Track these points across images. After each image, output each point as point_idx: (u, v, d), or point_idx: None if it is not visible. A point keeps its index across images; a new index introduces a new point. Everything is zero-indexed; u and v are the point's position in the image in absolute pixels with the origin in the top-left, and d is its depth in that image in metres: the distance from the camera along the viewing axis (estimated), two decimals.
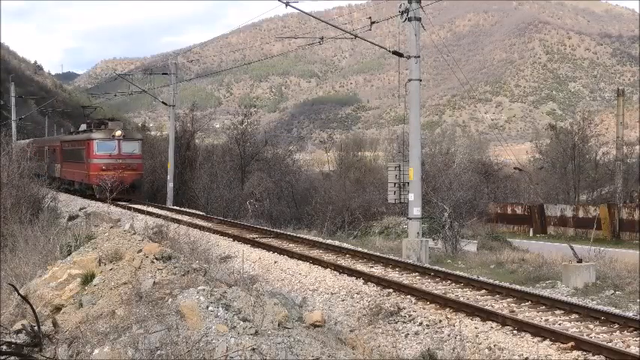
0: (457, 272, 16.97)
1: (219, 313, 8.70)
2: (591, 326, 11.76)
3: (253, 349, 7.86)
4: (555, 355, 10.33)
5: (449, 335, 11.57)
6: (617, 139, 38.23)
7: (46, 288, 11.32)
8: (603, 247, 21.54)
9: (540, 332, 11.23)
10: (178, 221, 23.55)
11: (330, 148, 59.84)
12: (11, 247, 16.41)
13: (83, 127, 41.49)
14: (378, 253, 20.17)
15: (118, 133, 36.52)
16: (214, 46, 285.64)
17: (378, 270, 17.22)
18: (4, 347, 9.13)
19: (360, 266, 17.83)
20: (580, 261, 15.96)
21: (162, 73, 42.92)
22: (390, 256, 19.48)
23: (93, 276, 11.29)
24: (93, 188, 36.37)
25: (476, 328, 11.81)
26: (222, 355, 7.78)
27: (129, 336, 8.62)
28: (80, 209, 30.71)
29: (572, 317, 12.31)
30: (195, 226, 25.19)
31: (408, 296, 14.16)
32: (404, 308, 13.27)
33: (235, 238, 23.10)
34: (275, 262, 18.64)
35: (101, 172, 35.43)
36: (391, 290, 14.68)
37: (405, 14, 19.73)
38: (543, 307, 13.06)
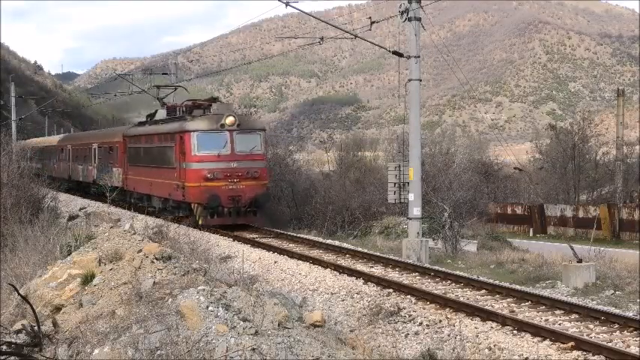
0: (457, 272, 16.97)
1: (219, 313, 8.70)
2: (591, 326, 11.76)
3: (253, 349, 7.86)
4: (555, 355, 10.32)
5: (449, 335, 11.57)
6: (617, 139, 38.22)
7: (46, 288, 11.32)
8: (603, 247, 21.52)
9: (540, 332, 11.23)
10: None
11: (330, 148, 59.80)
12: (11, 247, 16.40)
13: (161, 113, 29.46)
14: (378, 253, 20.18)
15: (230, 120, 24.06)
16: (214, 46, 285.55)
17: (378, 270, 17.22)
18: (4, 347, 9.13)
19: (360, 266, 17.83)
20: (580, 261, 15.96)
21: (163, 73, 42.95)
22: (390, 256, 19.48)
23: (93, 276, 11.29)
24: (191, 209, 24.41)
25: (476, 328, 11.81)
26: (222, 355, 7.77)
27: (129, 336, 8.62)
28: (80, 209, 30.69)
29: (572, 317, 12.30)
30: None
31: (408, 296, 14.16)
32: (404, 308, 13.27)
33: (235, 238, 23.09)
34: (275, 262, 18.64)
35: (205, 182, 23.63)
36: (391, 290, 14.68)
37: (405, 14, 19.72)
38: (543, 307, 13.05)
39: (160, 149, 27.05)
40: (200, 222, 23.74)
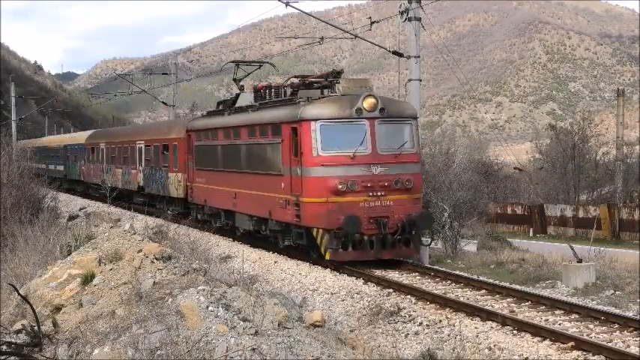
0: (457, 272, 16.95)
1: (219, 313, 8.70)
2: (591, 326, 11.76)
3: (253, 349, 7.86)
4: (555, 355, 10.33)
5: (449, 335, 11.57)
6: (617, 139, 38.20)
7: (46, 288, 11.33)
8: (603, 247, 21.51)
9: (540, 332, 11.24)
10: None
11: None
12: (11, 247, 16.42)
13: (246, 98, 21.97)
14: None
15: (370, 102, 16.65)
16: (214, 46, 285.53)
17: (377, 270, 17.21)
18: (4, 347, 9.13)
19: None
20: (580, 261, 15.96)
21: (162, 73, 42.87)
22: None
23: (93, 276, 11.30)
24: (310, 236, 16.95)
25: (476, 328, 11.81)
26: (222, 355, 7.78)
27: (129, 336, 8.62)
28: (80, 209, 30.69)
29: (572, 317, 12.30)
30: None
31: (408, 296, 14.17)
32: (404, 308, 13.28)
33: (235, 238, 22.90)
34: (275, 262, 18.64)
35: (334, 196, 16.27)
36: (391, 290, 14.68)
37: (405, 14, 19.71)
38: (543, 307, 13.05)
39: (252, 147, 19.86)
40: (327, 257, 16.35)
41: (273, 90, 20.40)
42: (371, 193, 16.44)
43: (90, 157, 39.54)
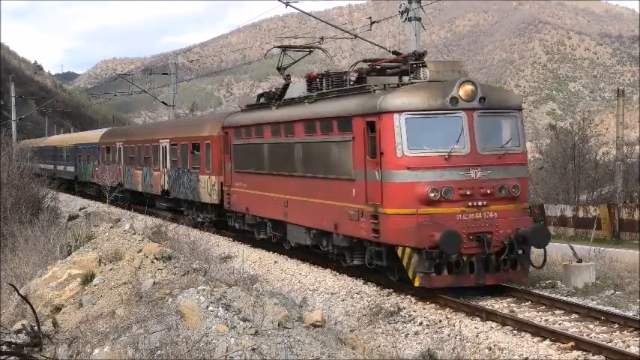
0: None
1: (219, 313, 8.71)
2: (591, 326, 11.76)
3: (253, 349, 7.87)
4: (555, 355, 10.33)
5: (449, 335, 11.58)
6: (617, 139, 38.20)
7: (46, 288, 11.33)
8: (603, 247, 21.49)
9: (540, 332, 11.24)
10: None
11: None
12: (11, 247, 16.42)
13: (298, 88, 18.95)
14: None
15: (468, 90, 13.79)
16: (214, 46, 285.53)
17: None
18: (4, 347, 9.13)
19: None
20: (580, 261, 15.94)
21: (162, 73, 42.91)
22: None
23: (93, 276, 11.31)
24: (393, 256, 13.87)
25: (476, 328, 11.82)
26: (222, 355, 7.78)
27: (129, 336, 8.63)
28: (80, 209, 30.69)
29: (572, 317, 12.30)
30: None
31: (408, 296, 14.16)
32: (404, 308, 13.28)
33: (235, 238, 22.90)
34: (275, 262, 18.64)
35: (425, 207, 13.41)
36: (391, 290, 14.68)
37: (405, 14, 19.73)
38: (543, 307, 13.04)
39: (310, 146, 16.91)
40: (417, 282, 13.29)
41: (333, 78, 17.21)
42: (470, 203, 13.42)
43: (105, 158, 36.87)
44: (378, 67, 16.04)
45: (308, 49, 21.82)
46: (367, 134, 14.27)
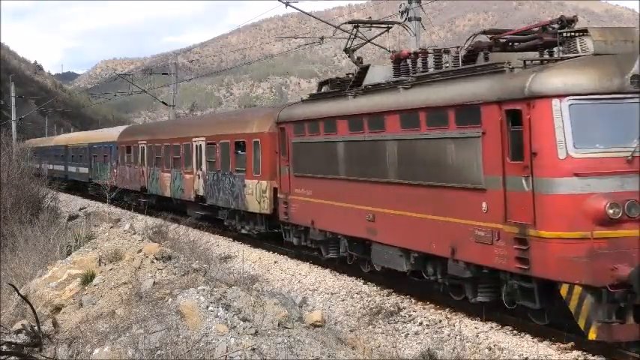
0: None
1: (219, 313, 8.71)
2: None
3: (253, 349, 7.87)
4: (555, 355, 10.33)
5: (449, 335, 11.58)
6: None
7: (46, 288, 11.34)
8: None
9: (540, 332, 11.22)
10: None
11: None
12: (11, 247, 16.42)
13: (378, 72, 15.87)
14: None
15: None
16: (214, 46, 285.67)
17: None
18: (4, 347, 9.14)
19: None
20: None
21: (162, 73, 42.95)
22: None
23: (93, 276, 11.32)
24: (556, 293, 10.17)
25: (476, 328, 11.81)
26: (222, 355, 7.78)
27: (129, 336, 8.62)
28: (80, 209, 30.71)
29: None
30: None
31: (408, 296, 14.16)
32: (404, 308, 13.29)
33: (235, 238, 22.92)
34: (275, 262, 18.64)
35: (604, 228, 9.66)
36: (391, 290, 14.68)
37: (405, 14, 19.74)
38: None
39: (411, 145, 13.21)
40: (592, 335, 9.82)
41: (433, 57, 13.87)
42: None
43: (125, 158, 33.47)
44: (503, 41, 12.37)
45: (385, 25, 18.86)
46: (506, 128, 10.71)
